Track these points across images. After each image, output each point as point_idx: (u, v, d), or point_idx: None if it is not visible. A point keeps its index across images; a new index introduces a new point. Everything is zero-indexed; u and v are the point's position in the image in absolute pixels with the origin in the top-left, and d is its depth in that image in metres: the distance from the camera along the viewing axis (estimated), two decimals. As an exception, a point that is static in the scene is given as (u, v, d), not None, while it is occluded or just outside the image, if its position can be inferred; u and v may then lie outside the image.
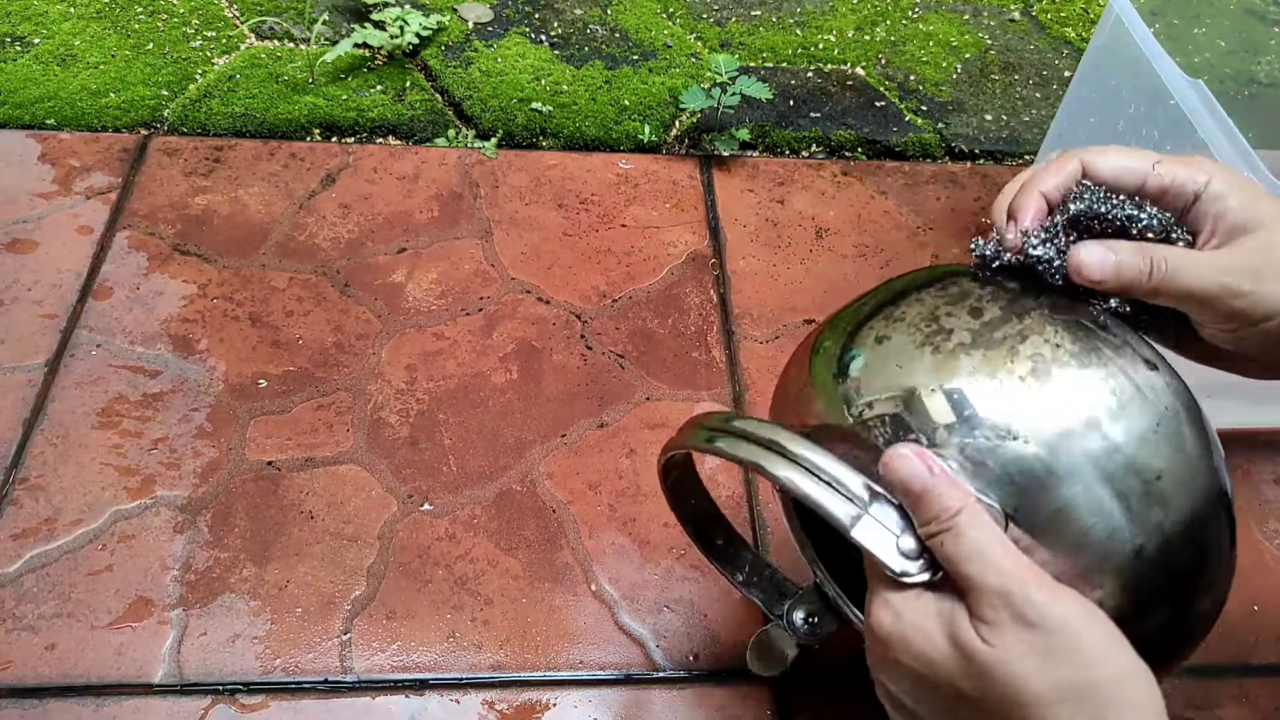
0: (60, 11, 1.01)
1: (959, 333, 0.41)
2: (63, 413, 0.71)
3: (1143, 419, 0.39)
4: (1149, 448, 0.38)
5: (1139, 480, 0.38)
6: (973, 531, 0.36)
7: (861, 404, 0.41)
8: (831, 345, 0.45)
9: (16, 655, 0.60)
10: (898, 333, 0.42)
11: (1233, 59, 0.96)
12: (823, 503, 0.38)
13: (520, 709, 0.61)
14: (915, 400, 0.40)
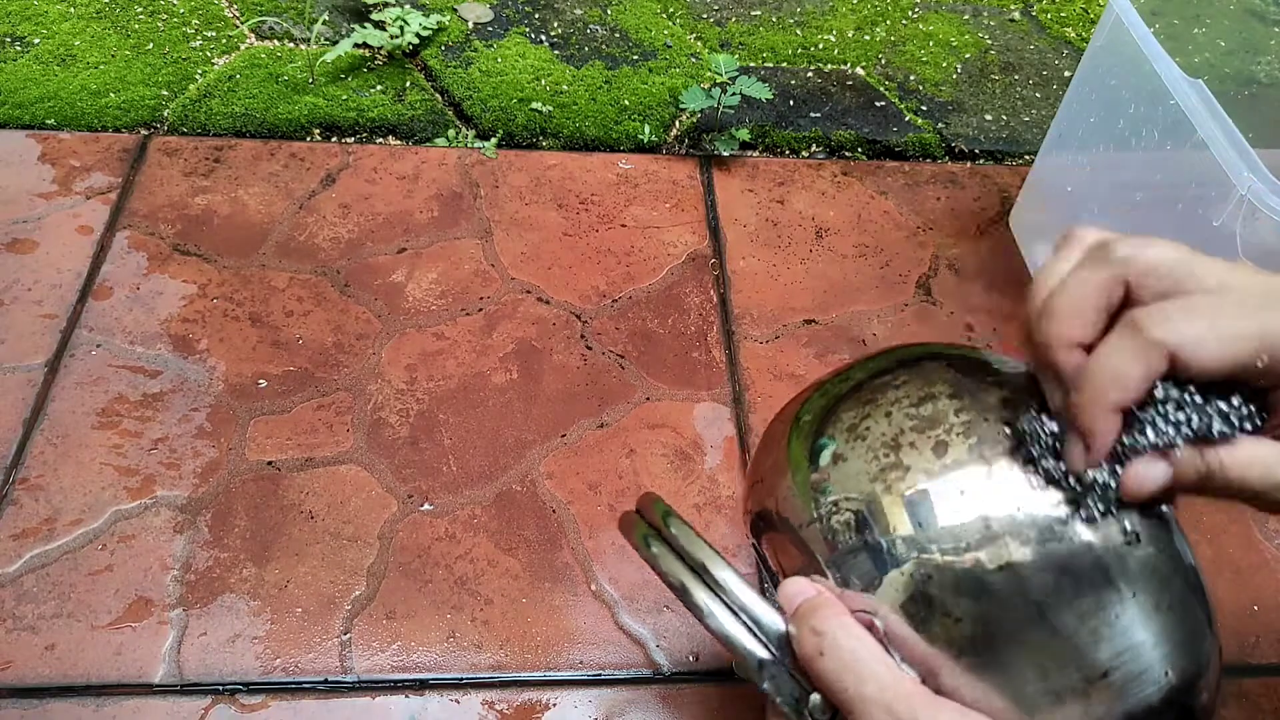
0: (60, 11, 1.01)
1: (914, 473, 0.37)
2: (63, 413, 0.71)
3: (1101, 609, 0.34)
4: (1101, 642, 0.34)
5: (1080, 677, 0.34)
6: (849, 643, 0.34)
7: (828, 501, 0.39)
8: (808, 421, 0.42)
9: (16, 655, 0.60)
10: (855, 455, 0.39)
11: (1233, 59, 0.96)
12: (737, 645, 0.36)
13: (520, 709, 0.61)
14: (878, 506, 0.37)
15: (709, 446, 0.74)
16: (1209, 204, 0.63)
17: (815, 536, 0.39)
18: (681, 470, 0.73)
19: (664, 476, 0.72)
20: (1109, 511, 0.35)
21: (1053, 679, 0.34)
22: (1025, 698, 0.34)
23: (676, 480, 0.72)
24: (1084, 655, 0.34)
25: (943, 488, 0.36)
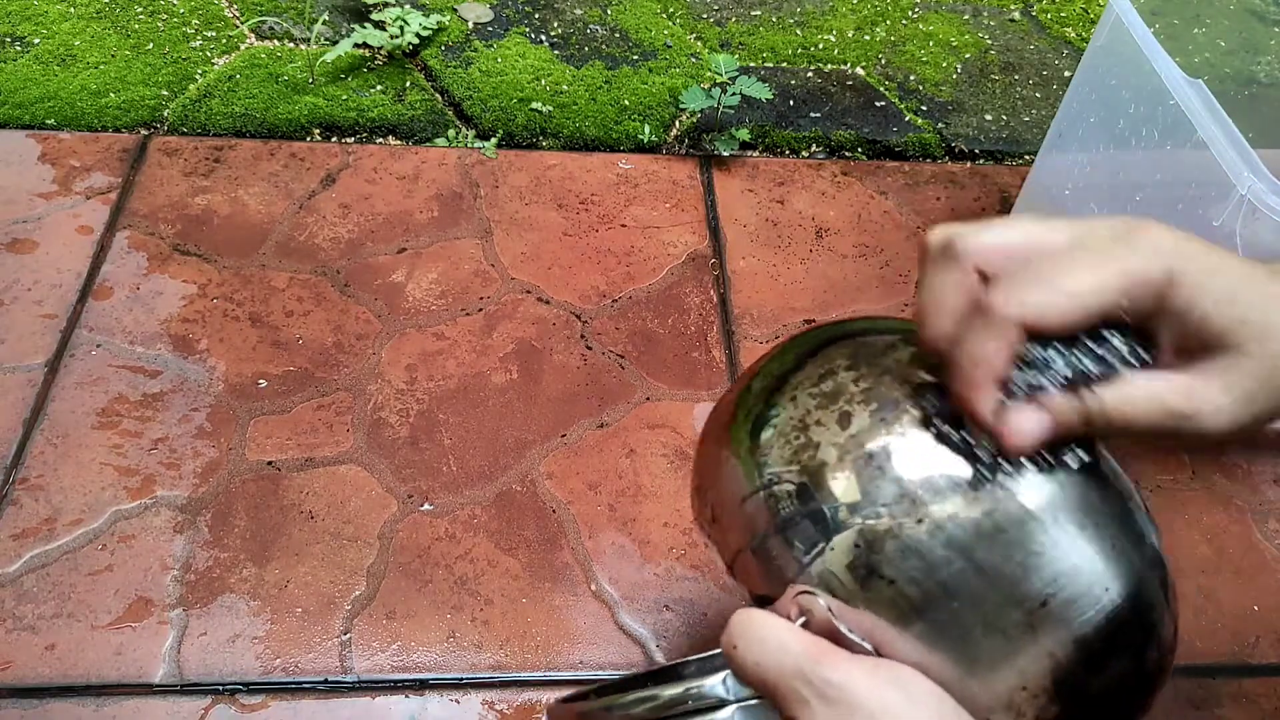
0: (60, 11, 1.01)
1: (825, 448, 0.38)
2: (63, 413, 0.71)
3: (1025, 541, 0.35)
4: (1031, 573, 0.35)
5: (1020, 612, 0.35)
6: (756, 625, 0.35)
7: (771, 473, 0.39)
8: (752, 398, 0.43)
9: (16, 655, 0.60)
10: (772, 444, 0.39)
11: (1233, 59, 0.96)
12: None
13: (520, 709, 0.61)
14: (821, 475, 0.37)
15: (709, 446, 0.74)
16: (1209, 204, 0.63)
17: (757, 507, 0.39)
18: (681, 470, 0.73)
19: (664, 476, 0.72)
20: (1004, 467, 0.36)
21: (996, 619, 0.35)
22: (975, 645, 0.35)
23: (676, 480, 0.72)
24: (1017, 588, 0.35)
25: (853, 456, 0.37)
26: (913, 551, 0.35)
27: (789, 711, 0.34)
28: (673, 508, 0.71)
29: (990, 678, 0.35)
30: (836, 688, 0.33)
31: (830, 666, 0.33)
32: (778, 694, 0.34)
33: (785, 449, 0.39)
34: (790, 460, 0.38)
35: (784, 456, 0.39)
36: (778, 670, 0.34)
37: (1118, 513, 0.37)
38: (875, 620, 0.35)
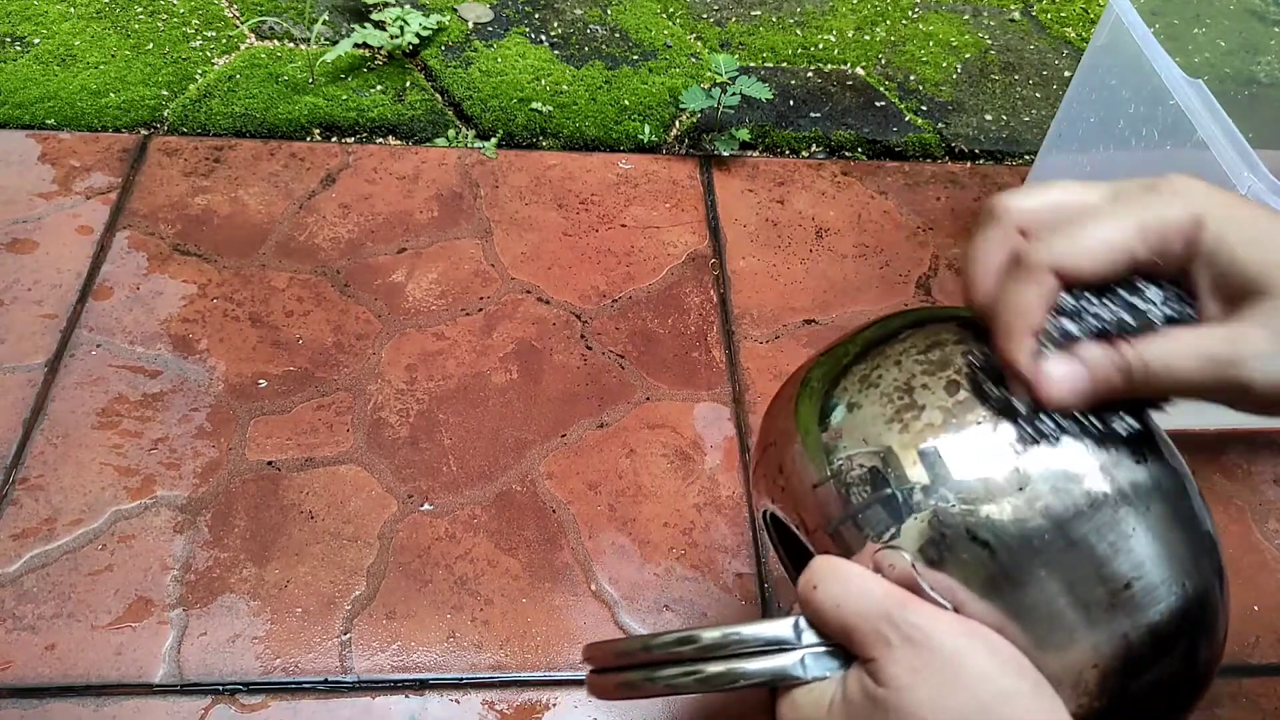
0: (60, 11, 1.01)
1: (930, 410, 0.38)
2: (63, 413, 0.71)
3: (1119, 524, 0.36)
4: (1120, 555, 0.35)
5: (1105, 590, 0.35)
6: (837, 568, 0.35)
7: (840, 458, 0.39)
8: (815, 387, 0.43)
9: (16, 655, 0.60)
10: (869, 401, 0.40)
11: (1233, 59, 0.96)
12: (768, 672, 0.37)
13: (520, 709, 0.61)
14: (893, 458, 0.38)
15: (709, 446, 0.74)
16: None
17: (829, 495, 0.39)
18: (681, 470, 0.73)
19: (664, 476, 0.72)
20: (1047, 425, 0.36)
21: (1081, 594, 0.35)
22: (1057, 617, 0.35)
23: (676, 480, 0.72)
24: (1105, 567, 0.35)
25: (957, 425, 0.37)
26: (1009, 518, 0.36)
27: (868, 652, 0.34)
28: (673, 508, 0.71)
29: (1065, 651, 0.35)
30: (922, 631, 0.33)
31: (915, 611, 0.34)
32: (858, 634, 0.34)
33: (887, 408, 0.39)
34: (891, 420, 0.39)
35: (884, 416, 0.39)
36: (860, 611, 0.34)
37: (1195, 511, 0.38)
38: (956, 583, 0.36)
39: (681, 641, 0.38)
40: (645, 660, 0.40)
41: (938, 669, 0.32)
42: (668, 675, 0.39)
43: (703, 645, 0.38)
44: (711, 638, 0.38)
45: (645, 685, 0.40)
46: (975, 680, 0.32)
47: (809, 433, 0.41)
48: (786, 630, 0.37)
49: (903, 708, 0.32)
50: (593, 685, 0.43)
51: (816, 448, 0.41)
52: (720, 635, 0.37)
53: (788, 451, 0.43)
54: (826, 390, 0.42)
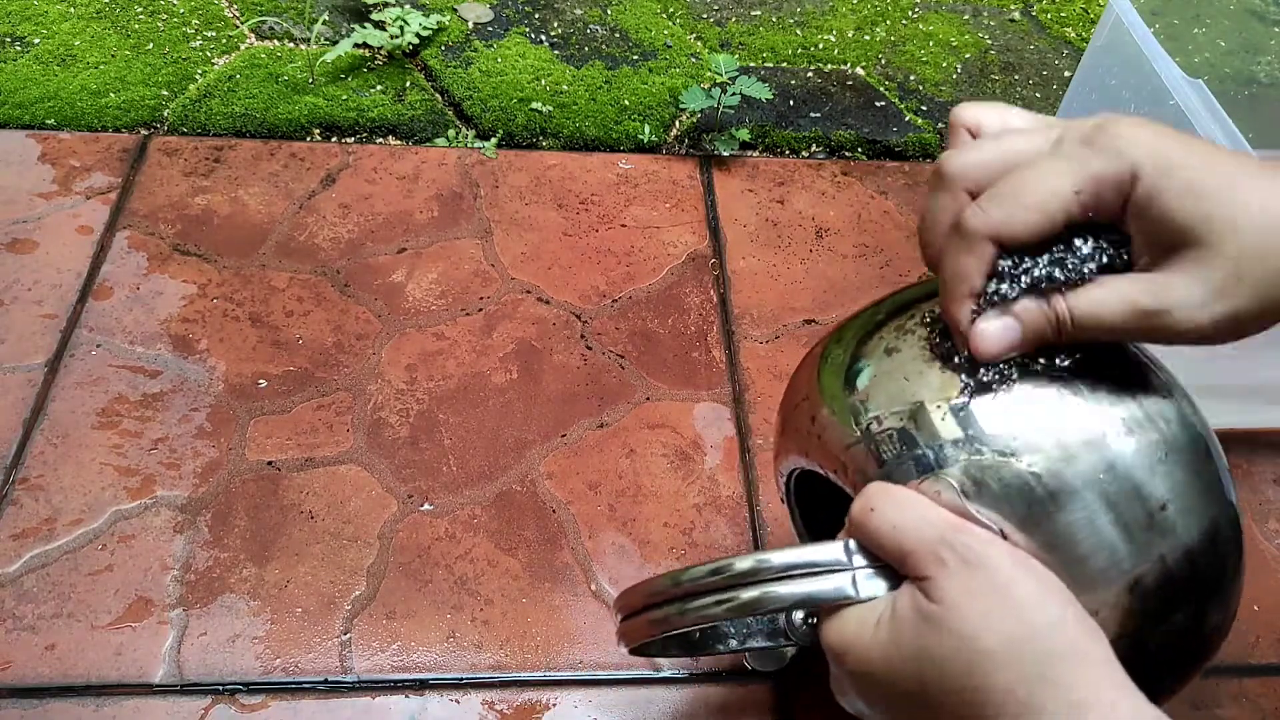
0: (60, 11, 1.01)
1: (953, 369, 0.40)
2: (63, 413, 0.71)
3: (1151, 447, 0.38)
4: (1156, 476, 0.37)
5: (1143, 509, 0.37)
6: (895, 493, 0.36)
7: (869, 418, 0.41)
8: (840, 355, 0.44)
9: (16, 655, 0.60)
10: (906, 345, 0.41)
11: (1233, 59, 0.96)
12: (821, 592, 0.37)
13: (520, 709, 0.61)
14: (922, 416, 0.39)
15: (709, 446, 0.74)
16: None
17: (861, 454, 0.41)
18: (681, 470, 0.73)
19: (664, 476, 0.72)
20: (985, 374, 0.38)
21: (1123, 512, 0.37)
22: (1100, 534, 0.36)
23: (676, 480, 0.72)
24: (1143, 487, 0.37)
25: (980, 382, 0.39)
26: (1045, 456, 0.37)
27: (923, 572, 0.35)
28: (673, 508, 0.71)
29: (1106, 571, 0.37)
30: (977, 554, 0.34)
31: (971, 536, 0.35)
32: (913, 556, 0.35)
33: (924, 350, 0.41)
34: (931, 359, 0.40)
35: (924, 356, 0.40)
36: (917, 533, 0.35)
37: (1216, 456, 0.40)
38: (1001, 518, 0.37)
39: (713, 572, 0.39)
40: (676, 595, 0.40)
41: (990, 591, 0.33)
42: (700, 606, 0.39)
43: (735, 573, 0.38)
44: (744, 566, 0.38)
45: (675, 619, 0.40)
46: (1026, 605, 0.33)
47: (836, 397, 0.43)
48: (832, 554, 0.38)
49: (954, 624, 0.33)
50: (624, 633, 0.44)
51: (845, 410, 0.42)
52: (753, 562, 0.38)
53: (819, 411, 0.44)
54: (852, 355, 0.43)
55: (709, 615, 0.39)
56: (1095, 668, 0.33)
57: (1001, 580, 0.33)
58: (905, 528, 0.35)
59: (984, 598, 0.33)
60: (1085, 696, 0.32)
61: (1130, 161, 0.34)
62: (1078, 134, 0.35)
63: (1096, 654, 0.33)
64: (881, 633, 0.35)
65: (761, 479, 0.73)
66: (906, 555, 0.35)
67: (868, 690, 0.37)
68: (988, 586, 0.33)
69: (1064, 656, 0.32)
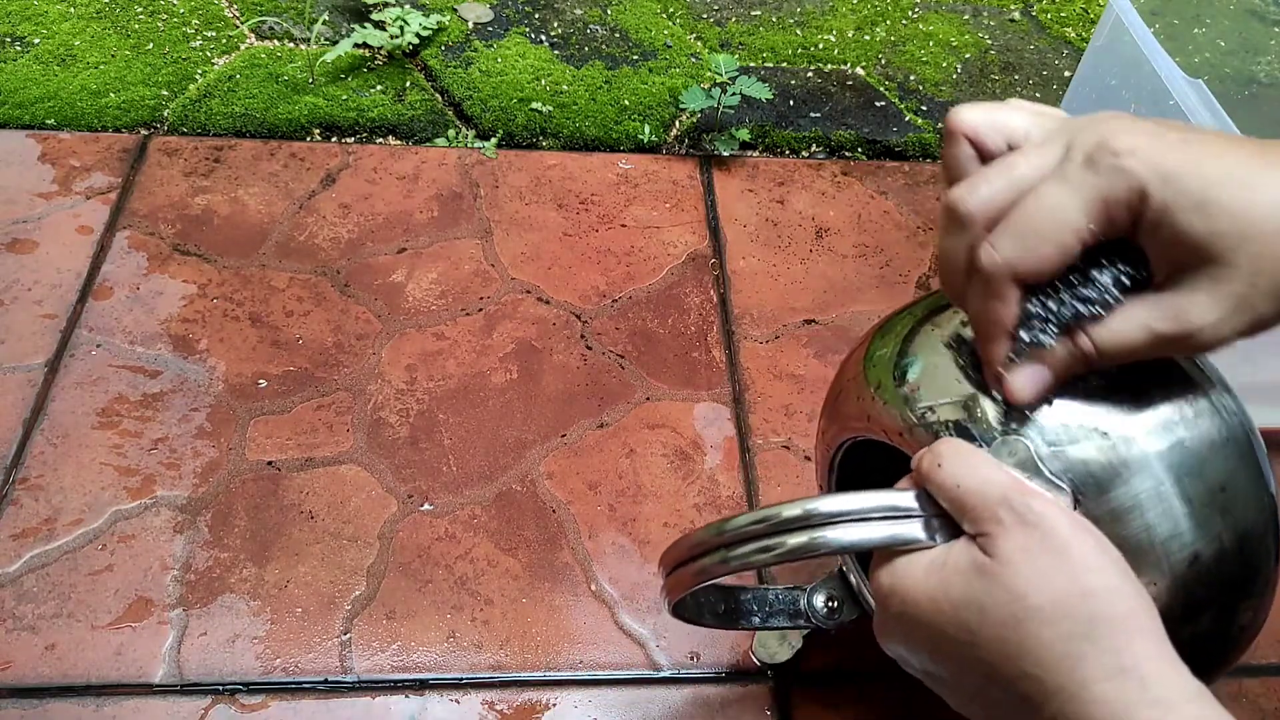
0: (60, 11, 1.01)
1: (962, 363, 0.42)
2: (63, 413, 0.71)
3: (1214, 430, 0.39)
4: (1218, 458, 0.39)
5: (1206, 487, 0.38)
6: (963, 450, 0.37)
7: (923, 407, 0.42)
8: (887, 352, 0.45)
9: (16, 655, 0.60)
10: (946, 326, 0.43)
11: (1233, 59, 0.96)
12: (882, 536, 0.38)
13: (520, 709, 0.61)
14: (976, 404, 0.40)
15: (709, 446, 0.74)
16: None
17: (918, 439, 0.41)
18: (681, 470, 0.73)
19: (664, 476, 0.72)
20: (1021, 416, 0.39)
21: (1187, 488, 0.38)
22: (1169, 505, 0.38)
23: (676, 480, 0.72)
24: (1205, 466, 0.39)
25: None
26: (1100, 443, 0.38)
27: (982, 528, 0.35)
28: (673, 508, 0.71)
29: (1168, 543, 0.38)
30: (1037, 515, 0.35)
31: (1033, 498, 0.35)
32: (974, 511, 0.36)
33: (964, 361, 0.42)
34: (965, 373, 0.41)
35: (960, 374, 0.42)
36: (981, 491, 0.36)
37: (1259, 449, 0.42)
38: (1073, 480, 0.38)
39: (757, 520, 0.39)
40: (720, 543, 0.41)
41: (1047, 551, 0.34)
42: (745, 552, 0.40)
43: (781, 520, 0.39)
44: (792, 512, 0.39)
45: (719, 567, 0.41)
46: (1081, 569, 0.34)
47: (886, 388, 0.44)
48: (885, 500, 0.38)
49: (1006, 578, 0.34)
50: (668, 586, 0.44)
51: (897, 399, 0.43)
52: (801, 510, 0.39)
53: (875, 398, 0.45)
54: (901, 348, 0.45)
55: (754, 562, 0.40)
56: (1144, 638, 0.33)
57: (1059, 541, 0.34)
58: (969, 485, 0.36)
59: (1039, 556, 0.34)
60: (1128, 664, 0.32)
61: (1137, 181, 0.34)
62: (1080, 153, 0.35)
63: (1148, 626, 0.33)
64: (932, 578, 0.36)
65: (761, 479, 0.73)
66: (967, 511, 0.36)
67: (910, 633, 0.38)
68: (1044, 546, 0.34)
69: (1112, 622, 0.33)
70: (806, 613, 0.55)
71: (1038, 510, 0.35)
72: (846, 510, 0.38)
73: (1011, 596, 0.34)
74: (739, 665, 0.63)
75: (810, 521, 0.38)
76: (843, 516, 0.38)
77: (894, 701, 0.63)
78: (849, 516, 0.38)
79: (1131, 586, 0.34)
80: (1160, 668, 0.33)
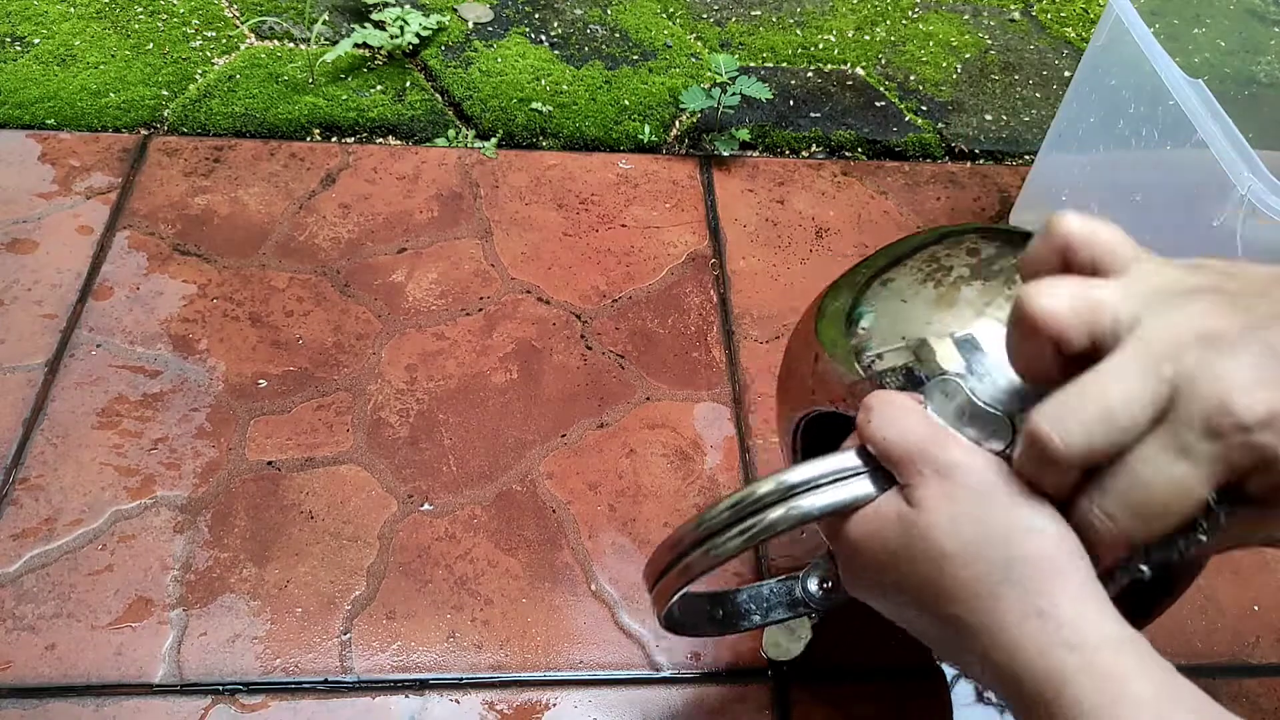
0: (60, 11, 1.01)
1: (958, 269, 0.43)
2: (63, 413, 0.71)
3: None
4: None
5: None
6: (890, 404, 0.38)
7: (871, 355, 0.43)
8: (838, 306, 0.46)
9: (16, 655, 0.60)
10: (900, 275, 0.44)
11: (1233, 59, 0.96)
12: (844, 498, 0.39)
13: (520, 709, 0.61)
14: (924, 348, 0.41)
15: (709, 446, 0.74)
16: (1209, 204, 0.63)
17: (866, 391, 0.42)
18: (681, 470, 0.73)
19: (664, 476, 0.72)
20: None
21: None
22: None
23: (676, 480, 0.72)
24: None
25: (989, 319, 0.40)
26: None
27: (905, 479, 0.37)
28: (673, 508, 0.71)
29: None
30: (953, 465, 0.36)
31: (951, 449, 0.36)
32: (898, 465, 0.37)
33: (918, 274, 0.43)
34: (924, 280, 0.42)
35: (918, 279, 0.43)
36: (902, 444, 0.37)
37: None
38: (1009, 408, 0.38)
39: (733, 505, 0.40)
40: (701, 537, 0.42)
41: (962, 499, 0.35)
42: (726, 539, 0.41)
43: (757, 498, 0.40)
44: (765, 489, 0.40)
45: (703, 560, 0.41)
46: (998, 513, 0.34)
47: (837, 342, 0.45)
48: (844, 462, 0.39)
49: (923, 527, 0.36)
50: (656, 595, 0.45)
51: (847, 353, 0.44)
52: (773, 483, 0.40)
53: (820, 355, 0.46)
54: (852, 302, 0.45)
55: (735, 548, 0.40)
56: (1064, 579, 0.33)
57: (974, 488, 0.35)
58: (891, 437, 0.38)
59: (955, 504, 0.35)
60: (1045, 606, 0.33)
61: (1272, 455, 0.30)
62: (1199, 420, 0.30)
63: (1069, 567, 0.33)
64: (870, 529, 0.38)
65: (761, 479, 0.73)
66: (893, 463, 0.38)
67: (863, 582, 0.40)
68: (960, 495, 0.35)
69: (1030, 563, 0.33)
70: (803, 599, 0.56)
71: (955, 460, 0.36)
72: (814, 476, 0.39)
73: (928, 544, 0.35)
74: (739, 665, 0.63)
75: (783, 494, 0.39)
76: (811, 483, 0.39)
77: (893, 701, 0.63)
78: (819, 481, 0.39)
79: (1055, 528, 0.34)
80: (1080, 609, 0.33)
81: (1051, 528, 0.34)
